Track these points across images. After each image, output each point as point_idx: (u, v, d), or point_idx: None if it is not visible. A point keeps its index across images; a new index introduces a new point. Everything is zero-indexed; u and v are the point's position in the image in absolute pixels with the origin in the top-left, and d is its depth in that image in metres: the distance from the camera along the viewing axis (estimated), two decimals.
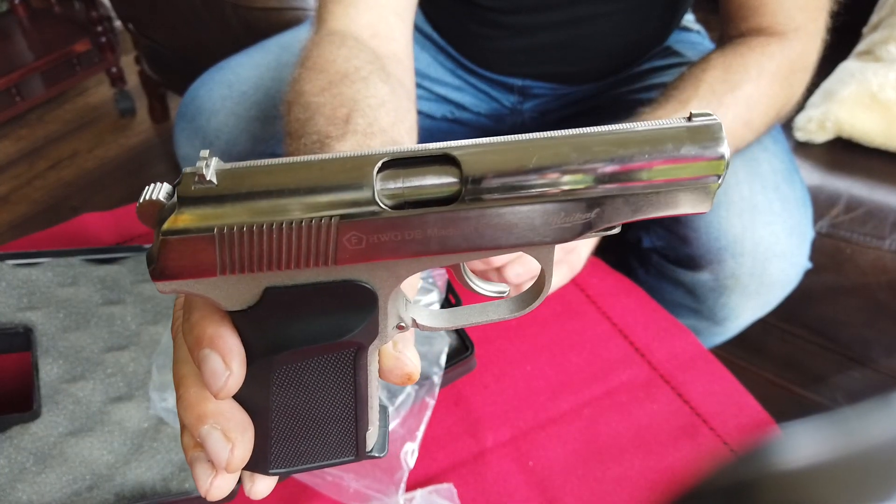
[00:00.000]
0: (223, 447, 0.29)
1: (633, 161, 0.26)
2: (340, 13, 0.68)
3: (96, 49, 2.08)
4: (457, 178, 0.26)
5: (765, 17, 0.76)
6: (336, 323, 0.29)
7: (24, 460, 0.62)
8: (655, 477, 0.68)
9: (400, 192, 0.26)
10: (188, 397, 0.30)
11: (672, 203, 0.27)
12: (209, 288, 0.27)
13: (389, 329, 0.30)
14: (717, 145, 0.26)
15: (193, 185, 0.25)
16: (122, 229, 0.91)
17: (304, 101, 0.57)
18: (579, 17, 0.90)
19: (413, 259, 0.28)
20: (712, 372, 0.78)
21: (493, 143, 0.26)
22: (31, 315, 0.72)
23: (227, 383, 0.28)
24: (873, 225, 1.04)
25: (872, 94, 1.11)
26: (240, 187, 0.25)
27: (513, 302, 0.32)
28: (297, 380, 0.31)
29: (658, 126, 0.26)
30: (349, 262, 0.27)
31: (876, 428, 0.18)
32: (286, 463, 0.34)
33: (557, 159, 0.26)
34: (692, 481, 0.19)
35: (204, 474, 0.30)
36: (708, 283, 0.90)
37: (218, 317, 0.29)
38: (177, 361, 0.31)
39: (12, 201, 1.89)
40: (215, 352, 0.28)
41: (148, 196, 0.26)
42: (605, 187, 0.26)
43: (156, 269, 0.26)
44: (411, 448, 0.66)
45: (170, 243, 0.26)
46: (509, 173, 0.26)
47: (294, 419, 0.32)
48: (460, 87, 1.02)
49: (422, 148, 0.26)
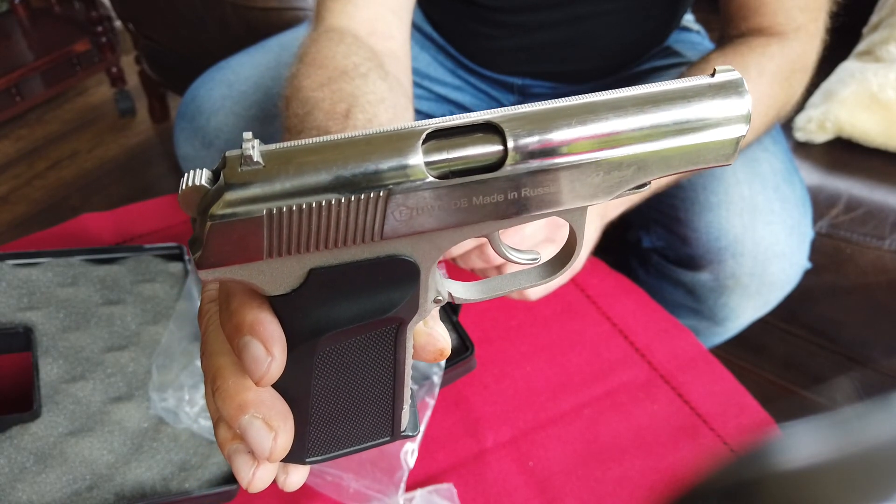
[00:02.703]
0: (266, 436, 0.29)
1: (666, 117, 0.27)
2: (339, 10, 0.68)
3: (96, 49, 2.08)
4: (500, 146, 0.26)
5: (765, 18, 0.76)
6: (380, 299, 0.29)
7: (24, 460, 0.62)
8: (656, 477, 0.68)
9: (445, 163, 0.26)
10: (226, 388, 0.29)
11: (701, 156, 0.28)
12: (253, 273, 0.27)
13: (429, 303, 0.30)
14: (742, 97, 0.28)
15: (240, 168, 0.25)
16: (122, 229, 0.91)
17: (303, 97, 0.57)
18: (579, 16, 0.90)
19: (455, 229, 0.28)
20: (712, 372, 0.78)
21: (532, 109, 0.27)
22: (31, 315, 0.72)
23: (270, 370, 0.27)
24: (873, 225, 1.04)
25: (872, 94, 1.11)
26: (287, 167, 0.25)
27: (542, 268, 0.33)
28: (339, 362, 0.30)
29: (685, 83, 0.28)
30: (394, 237, 0.27)
31: (876, 428, 0.18)
32: (323, 450, 0.33)
33: (595, 121, 0.27)
34: (692, 481, 0.19)
35: (245, 466, 0.30)
36: (708, 284, 0.90)
37: (257, 303, 0.28)
38: (211, 355, 0.30)
39: (12, 201, 1.89)
40: (256, 338, 0.27)
41: (190, 182, 0.26)
42: (641, 145, 0.27)
43: (202, 257, 0.26)
44: (411, 448, 0.66)
45: (218, 228, 0.25)
46: (551, 137, 0.26)
47: (334, 403, 0.32)
48: (460, 86, 1.02)
49: (464, 117, 0.27)
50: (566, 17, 0.90)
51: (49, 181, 1.96)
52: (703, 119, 0.27)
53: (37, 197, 1.91)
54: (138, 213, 0.94)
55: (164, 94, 2.12)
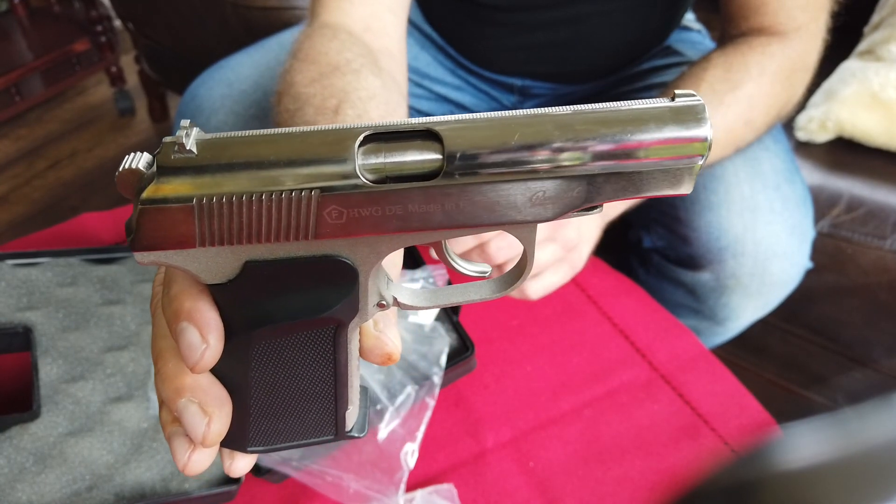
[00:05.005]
0: (200, 421, 0.29)
1: (615, 140, 0.26)
2: (334, 6, 0.68)
3: (96, 48, 2.08)
4: (439, 154, 0.26)
5: (766, 17, 0.76)
6: (316, 299, 0.29)
7: (24, 460, 0.62)
8: (656, 477, 0.68)
9: (381, 167, 0.26)
10: (166, 371, 0.30)
11: (655, 183, 0.27)
12: (188, 260, 0.27)
13: (370, 307, 0.30)
14: (701, 126, 0.26)
15: (173, 155, 0.25)
16: (121, 229, 0.91)
17: (294, 92, 0.57)
18: (579, 16, 0.89)
19: (394, 235, 0.27)
20: (713, 372, 0.78)
21: (476, 119, 0.26)
22: (31, 315, 0.72)
23: (204, 357, 0.28)
24: (874, 225, 1.04)
25: (873, 93, 1.11)
26: (220, 158, 0.25)
27: (494, 283, 0.32)
28: (277, 356, 0.31)
29: (642, 106, 0.26)
30: (330, 237, 0.27)
31: (877, 428, 0.18)
32: (265, 441, 0.33)
33: (540, 137, 0.26)
34: (693, 482, 0.19)
35: (181, 448, 0.30)
36: (709, 283, 0.90)
37: (196, 290, 0.28)
38: (155, 337, 0.31)
39: (11, 201, 1.89)
40: (192, 325, 0.28)
41: (127, 165, 0.26)
42: (586, 166, 0.26)
43: (134, 239, 0.26)
44: (411, 448, 0.66)
45: (148, 213, 0.26)
46: (492, 150, 0.26)
47: (273, 396, 0.32)
48: (460, 86, 1.02)
49: (404, 122, 0.26)
50: (566, 17, 0.90)
51: (48, 181, 1.96)
52: (656, 145, 0.26)
53: (36, 197, 1.91)
54: None
55: (164, 93, 2.12)
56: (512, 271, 0.32)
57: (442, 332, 0.74)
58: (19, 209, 1.87)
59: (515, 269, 0.32)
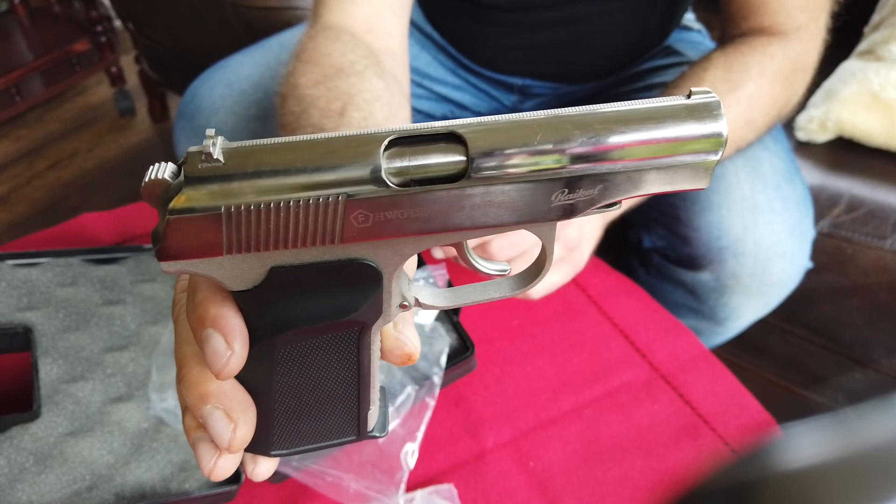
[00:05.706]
0: (225, 427, 0.29)
1: (633, 138, 0.27)
2: (336, 7, 0.68)
3: (96, 49, 2.08)
4: (462, 156, 0.26)
5: (766, 17, 0.76)
6: (340, 302, 0.29)
7: (24, 460, 0.62)
8: (656, 478, 0.68)
9: (406, 170, 0.26)
10: (190, 377, 0.30)
11: (672, 179, 0.28)
12: (214, 268, 0.27)
13: (393, 308, 0.31)
14: (717, 122, 0.27)
15: (200, 164, 0.25)
16: (121, 229, 0.91)
17: (299, 94, 0.57)
18: (579, 16, 0.89)
19: (418, 237, 0.28)
20: (713, 372, 0.78)
21: (498, 121, 0.27)
22: (31, 315, 0.72)
23: (229, 363, 0.28)
24: (875, 225, 1.04)
25: (874, 93, 1.11)
26: (246, 166, 0.25)
27: (513, 280, 0.33)
28: (301, 359, 0.31)
29: (658, 104, 0.27)
30: (355, 241, 0.27)
31: (877, 428, 0.18)
32: (288, 444, 0.34)
33: (561, 136, 0.26)
34: (693, 482, 0.19)
35: (207, 455, 0.30)
36: (709, 283, 0.90)
37: (221, 297, 0.29)
38: (179, 343, 0.31)
39: (12, 201, 1.89)
40: (217, 332, 0.28)
41: (153, 175, 0.26)
42: (607, 164, 0.27)
43: (161, 249, 0.26)
44: (411, 448, 0.66)
45: (176, 222, 0.26)
46: (514, 151, 0.26)
47: (297, 399, 0.32)
48: (460, 86, 1.02)
49: (428, 126, 0.26)
50: (566, 17, 0.90)
51: (49, 181, 1.96)
52: (675, 141, 0.27)
53: (36, 197, 1.91)
54: (138, 213, 0.94)
55: (164, 93, 2.12)
56: (529, 269, 0.32)
57: (442, 332, 0.74)
58: (19, 209, 1.87)
59: (533, 266, 0.32)
